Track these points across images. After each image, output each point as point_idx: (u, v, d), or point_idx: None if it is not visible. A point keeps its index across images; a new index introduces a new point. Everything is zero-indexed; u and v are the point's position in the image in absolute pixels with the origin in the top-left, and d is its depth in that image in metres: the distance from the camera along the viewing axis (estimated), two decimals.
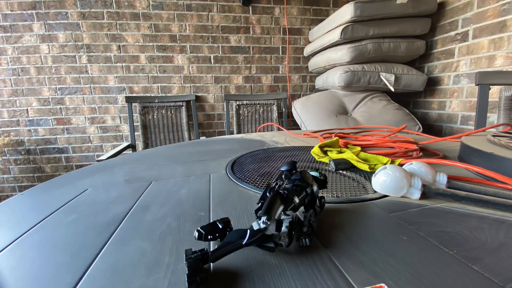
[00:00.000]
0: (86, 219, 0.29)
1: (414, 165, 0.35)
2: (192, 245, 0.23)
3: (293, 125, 2.02)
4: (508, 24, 1.18)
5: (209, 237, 0.21)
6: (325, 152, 0.52)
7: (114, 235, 0.26)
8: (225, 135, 1.91)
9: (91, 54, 1.75)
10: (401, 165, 0.39)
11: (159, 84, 1.86)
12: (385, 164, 0.41)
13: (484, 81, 0.96)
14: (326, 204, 0.31)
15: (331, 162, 0.45)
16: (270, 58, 1.95)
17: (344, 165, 0.44)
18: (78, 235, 0.26)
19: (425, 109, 1.70)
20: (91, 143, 1.87)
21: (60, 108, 1.80)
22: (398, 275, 0.19)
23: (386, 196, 0.33)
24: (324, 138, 0.71)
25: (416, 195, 0.31)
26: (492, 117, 1.25)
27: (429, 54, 1.63)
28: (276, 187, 0.24)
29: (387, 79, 1.50)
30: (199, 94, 1.91)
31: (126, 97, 1.73)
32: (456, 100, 1.47)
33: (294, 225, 0.21)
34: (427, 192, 0.32)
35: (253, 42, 1.90)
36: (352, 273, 0.19)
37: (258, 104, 1.87)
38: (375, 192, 0.34)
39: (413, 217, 0.27)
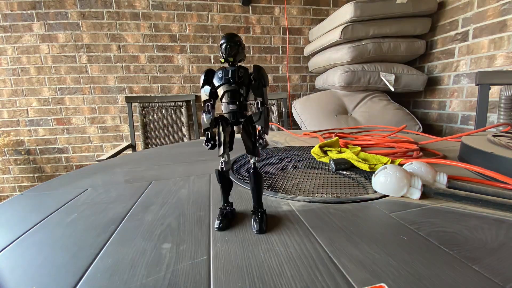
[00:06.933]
0: (86, 219, 0.29)
1: (414, 165, 0.35)
2: (192, 245, 0.23)
3: (293, 125, 2.02)
4: (508, 24, 1.18)
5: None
6: (325, 152, 0.52)
7: (114, 235, 0.26)
8: None
9: (91, 54, 1.75)
10: (401, 165, 0.39)
11: (159, 84, 1.86)
12: (385, 164, 0.41)
13: (484, 81, 0.96)
14: (327, 204, 0.31)
15: (331, 162, 0.45)
16: (270, 58, 1.95)
17: (344, 165, 0.44)
18: (78, 235, 0.26)
19: (425, 109, 1.70)
20: (91, 143, 1.87)
21: (60, 108, 1.80)
22: (398, 275, 0.19)
23: (386, 196, 0.33)
24: (324, 138, 0.71)
25: (416, 195, 0.31)
26: (492, 117, 1.25)
27: (429, 54, 1.63)
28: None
29: (387, 79, 1.50)
30: (199, 94, 1.91)
31: (126, 97, 1.73)
32: (456, 100, 1.47)
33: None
34: (427, 192, 0.32)
35: (253, 42, 1.90)
36: (352, 273, 0.19)
37: None
38: (375, 192, 0.34)
39: (413, 217, 0.27)
